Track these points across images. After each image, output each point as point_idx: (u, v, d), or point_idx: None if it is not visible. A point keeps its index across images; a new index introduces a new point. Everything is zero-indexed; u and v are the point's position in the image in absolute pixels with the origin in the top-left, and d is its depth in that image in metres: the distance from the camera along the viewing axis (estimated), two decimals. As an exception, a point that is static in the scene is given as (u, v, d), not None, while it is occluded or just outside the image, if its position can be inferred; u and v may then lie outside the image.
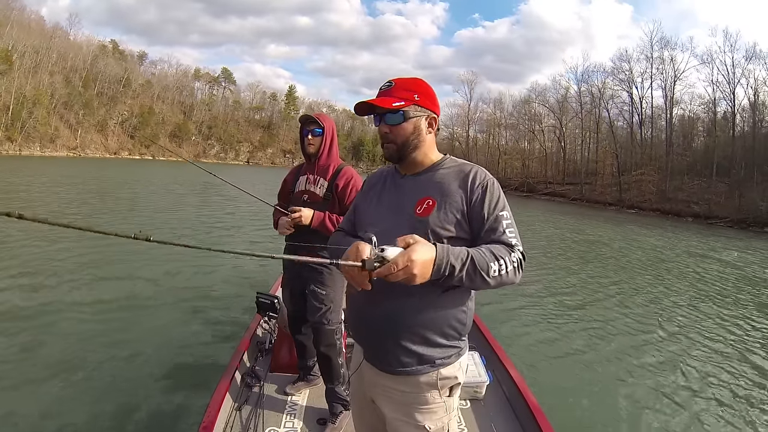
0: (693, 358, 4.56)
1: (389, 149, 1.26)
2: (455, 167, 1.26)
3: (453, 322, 1.20)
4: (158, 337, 3.98)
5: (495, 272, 1.07)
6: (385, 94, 1.24)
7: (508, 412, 2.45)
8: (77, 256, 6.45)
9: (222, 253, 0.98)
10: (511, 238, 1.15)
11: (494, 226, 1.16)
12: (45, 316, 4.22)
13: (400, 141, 1.24)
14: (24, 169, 23.58)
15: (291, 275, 2.40)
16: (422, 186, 1.25)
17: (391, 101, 1.21)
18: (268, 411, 2.34)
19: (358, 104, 1.25)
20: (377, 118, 1.26)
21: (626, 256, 11.54)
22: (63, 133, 49.05)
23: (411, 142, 1.25)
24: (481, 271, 1.05)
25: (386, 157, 1.29)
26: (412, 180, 1.28)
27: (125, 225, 9.46)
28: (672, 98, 40.70)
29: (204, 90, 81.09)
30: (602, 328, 5.27)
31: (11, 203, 10.92)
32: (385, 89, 1.25)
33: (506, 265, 1.08)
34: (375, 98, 1.25)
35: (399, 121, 1.23)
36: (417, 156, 1.27)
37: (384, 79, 1.28)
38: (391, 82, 1.26)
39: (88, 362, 3.37)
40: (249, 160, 77.52)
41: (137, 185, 19.62)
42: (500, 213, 1.17)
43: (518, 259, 1.12)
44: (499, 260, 1.08)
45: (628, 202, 36.96)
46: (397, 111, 1.22)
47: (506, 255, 1.10)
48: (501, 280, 1.09)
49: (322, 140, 2.30)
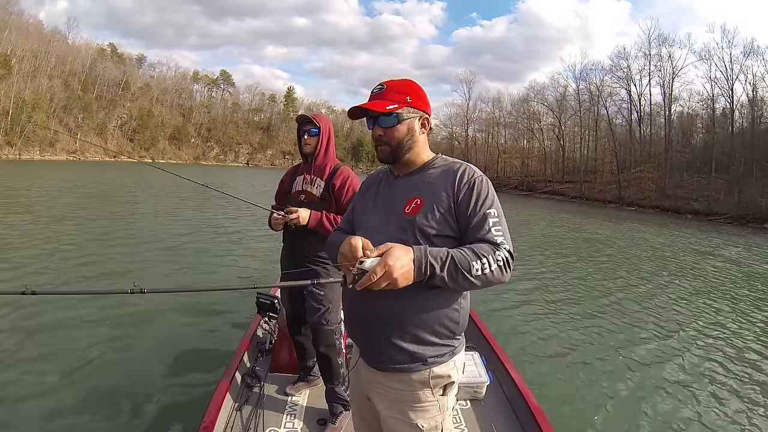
0: (693, 356, 4.56)
1: (383, 151, 1.27)
2: (444, 166, 1.27)
3: (445, 321, 1.20)
4: (158, 337, 3.98)
5: (477, 271, 1.06)
6: (377, 98, 1.25)
7: (508, 412, 2.45)
8: (76, 258, 6.46)
9: (213, 288, 1.02)
10: (497, 236, 1.14)
11: (480, 223, 1.15)
12: (45, 315, 4.22)
13: (394, 143, 1.25)
14: (24, 173, 23.60)
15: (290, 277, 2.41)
16: (412, 186, 1.26)
17: (384, 104, 1.23)
18: (268, 411, 2.35)
19: (351, 109, 1.27)
20: (370, 121, 1.27)
21: (627, 254, 11.54)
22: (62, 136, 49.03)
23: (405, 144, 1.26)
24: (462, 271, 1.05)
25: (380, 159, 1.29)
26: (404, 180, 1.30)
27: (125, 231, 9.46)
28: (670, 95, 40.87)
29: (203, 92, 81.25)
30: (602, 327, 5.26)
31: (12, 208, 10.94)
32: (377, 92, 1.26)
33: (490, 264, 1.07)
34: (367, 102, 1.26)
35: (393, 123, 1.24)
36: (410, 157, 1.28)
37: (382, 80, 1.30)
38: (383, 85, 1.27)
39: (87, 362, 3.37)
40: (249, 161, 77.55)
41: (136, 189, 19.62)
42: (487, 211, 1.17)
43: (504, 258, 1.10)
44: (481, 259, 1.07)
45: (627, 200, 37.01)
46: (391, 114, 1.23)
47: (490, 254, 1.09)
48: (486, 279, 1.08)
49: (319, 140, 2.31)
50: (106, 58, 63.09)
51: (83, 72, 56.87)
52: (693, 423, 3.25)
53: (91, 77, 57.74)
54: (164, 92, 71.28)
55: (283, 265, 2.44)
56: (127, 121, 61.83)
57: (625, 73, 43.60)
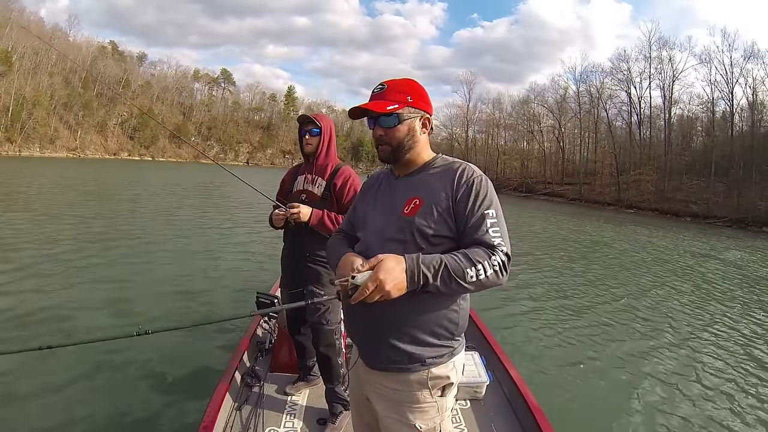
0: (693, 356, 4.56)
1: (384, 151, 1.27)
2: (444, 165, 1.26)
3: (444, 322, 1.19)
4: (158, 336, 3.92)
5: (472, 277, 1.05)
6: (378, 98, 1.24)
7: (508, 413, 2.45)
8: (78, 260, 6.46)
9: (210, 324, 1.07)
10: (494, 237, 1.12)
11: (477, 224, 1.14)
12: (44, 312, 4.23)
13: (395, 143, 1.25)
14: (24, 170, 23.58)
15: (289, 276, 2.40)
16: (412, 186, 1.26)
17: (385, 104, 1.22)
18: (268, 411, 2.35)
19: (352, 109, 1.26)
20: (371, 121, 1.26)
21: (626, 256, 11.55)
22: (62, 134, 49.03)
23: (406, 144, 1.25)
24: (456, 278, 1.05)
25: (381, 159, 1.28)
26: (404, 181, 1.29)
27: (126, 226, 9.45)
28: (670, 98, 40.91)
29: (203, 91, 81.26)
30: (602, 327, 5.27)
31: (12, 205, 10.93)
32: (377, 92, 1.25)
33: (485, 270, 1.06)
34: (368, 102, 1.25)
35: (394, 123, 1.23)
36: (410, 156, 1.28)
37: (383, 79, 1.29)
38: (384, 85, 1.26)
39: (87, 362, 3.36)
40: (248, 160, 77.57)
41: (137, 186, 19.61)
42: (486, 211, 1.15)
43: (500, 262, 1.09)
44: (476, 265, 1.06)
45: (626, 202, 37.01)
46: (391, 114, 1.22)
47: (485, 259, 1.07)
48: (481, 284, 1.07)
49: (320, 140, 2.31)
50: (107, 56, 63.11)
51: (84, 69, 56.84)
52: (693, 423, 3.25)
53: (91, 75, 57.68)
54: (165, 90, 71.28)
55: (283, 264, 2.44)
56: (128, 119, 61.78)
57: (626, 75, 43.62)
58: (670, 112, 41.20)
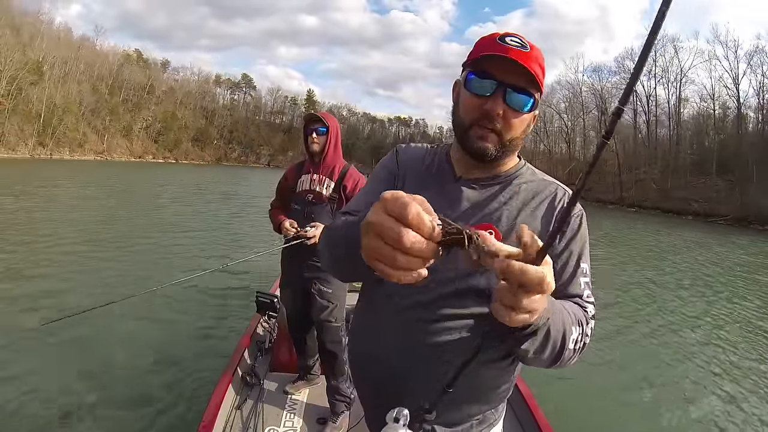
0: (693, 356, 4.49)
1: (486, 139, 0.84)
2: (535, 184, 0.90)
3: (499, 383, 0.91)
4: (157, 336, 3.96)
5: (570, 343, 0.73)
6: (527, 58, 0.79)
7: (508, 413, 2.40)
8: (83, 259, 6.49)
9: None
10: (587, 301, 0.83)
11: (571, 278, 0.84)
12: (45, 307, 4.31)
13: (509, 134, 0.85)
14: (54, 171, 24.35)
15: (291, 276, 2.40)
16: (486, 205, 0.87)
17: (540, 75, 0.81)
18: (267, 410, 2.35)
19: (495, 55, 0.79)
20: (500, 86, 0.81)
21: (626, 254, 11.41)
22: (90, 138, 50.72)
23: (517, 141, 0.87)
24: (559, 338, 0.71)
25: (472, 148, 0.85)
26: (471, 189, 0.89)
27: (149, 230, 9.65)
28: (678, 96, 40.90)
29: (225, 95, 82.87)
30: (602, 327, 5.13)
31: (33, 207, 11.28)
32: (517, 47, 0.79)
33: (582, 338, 0.76)
34: (518, 54, 0.79)
35: (525, 106, 0.83)
36: (506, 159, 0.91)
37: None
38: (524, 43, 0.81)
39: (86, 362, 3.36)
40: (270, 162, 78.68)
41: (160, 190, 20.10)
42: (583, 264, 0.86)
43: (591, 330, 0.80)
44: (578, 328, 0.75)
45: (628, 201, 36.76)
46: (532, 95, 0.82)
47: (583, 323, 0.77)
48: (566, 359, 0.75)
49: (327, 139, 2.30)
50: (132, 63, 64.91)
51: (110, 77, 58.65)
52: (694, 423, 3.21)
53: (117, 81, 59.47)
54: (188, 95, 72.93)
55: (283, 265, 2.45)
56: (152, 123, 63.48)
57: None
58: (676, 110, 40.92)
